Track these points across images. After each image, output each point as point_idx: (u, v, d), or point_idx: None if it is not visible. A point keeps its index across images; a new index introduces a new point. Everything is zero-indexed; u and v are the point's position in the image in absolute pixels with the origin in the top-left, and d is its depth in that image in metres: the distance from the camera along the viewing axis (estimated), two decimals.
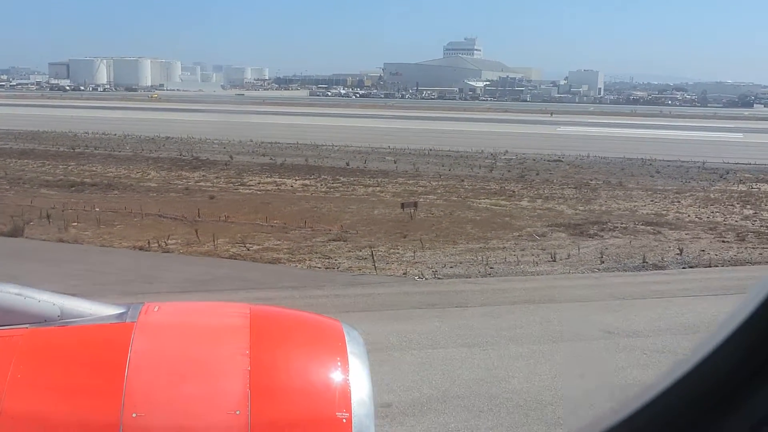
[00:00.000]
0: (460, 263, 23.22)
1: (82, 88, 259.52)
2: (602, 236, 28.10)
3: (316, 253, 24.42)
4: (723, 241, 27.51)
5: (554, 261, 23.55)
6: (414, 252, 24.56)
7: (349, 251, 24.60)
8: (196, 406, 3.16)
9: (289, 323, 3.87)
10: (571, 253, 24.59)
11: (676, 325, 17.29)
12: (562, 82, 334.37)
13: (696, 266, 23.59)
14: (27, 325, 3.40)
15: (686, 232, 29.44)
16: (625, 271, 22.83)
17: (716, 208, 36.35)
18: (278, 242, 26.17)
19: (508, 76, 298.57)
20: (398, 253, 24.55)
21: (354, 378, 3.36)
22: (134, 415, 3.06)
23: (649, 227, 30.23)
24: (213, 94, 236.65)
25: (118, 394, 3.09)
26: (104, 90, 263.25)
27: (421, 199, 37.32)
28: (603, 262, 23.56)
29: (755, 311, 1.23)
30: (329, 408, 3.26)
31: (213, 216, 30.37)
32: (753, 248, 26.30)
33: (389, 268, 22.60)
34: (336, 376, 3.38)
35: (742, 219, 33.23)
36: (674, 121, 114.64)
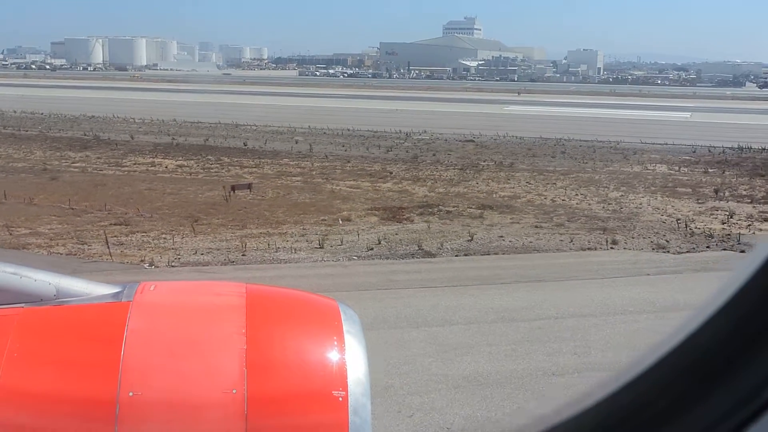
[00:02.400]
0: (217, 250, 21.70)
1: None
2: (412, 220, 26.45)
3: (77, 238, 22.95)
4: (536, 227, 25.78)
5: (321, 248, 21.98)
6: (182, 237, 23.07)
7: (114, 236, 23.09)
8: (193, 384, 3.13)
9: (285, 302, 3.86)
10: (348, 240, 22.99)
11: None
12: (564, 62, 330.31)
13: (472, 254, 21.95)
14: (23, 305, 3.38)
15: (513, 216, 27.72)
16: (387, 258, 21.24)
17: (586, 190, 34.55)
18: (57, 226, 24.73)
19: (501, 56, 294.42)
20: (165, 238, 23.03)
21: (350, 357, 3.34)
22: (131, 393, 3.03)
23: (479, 211, 28.54)
24: (200, 73, 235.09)
25: (114, 373, 3.06)
26: (94, 69, 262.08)
27: (283, 181, 35.92)
28: (372, 249, 21.98)
29: (745, 284, 1.20)
30: (325, 386, 3.24)
31: (21, 198, 28.92)
32: (559, 234, 24.57)
33: (135, 255, 21.13)
34: (332, 354, 3.35)
35: (598, 202, 31.44)
36: (640, 101, 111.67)
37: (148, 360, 3.19)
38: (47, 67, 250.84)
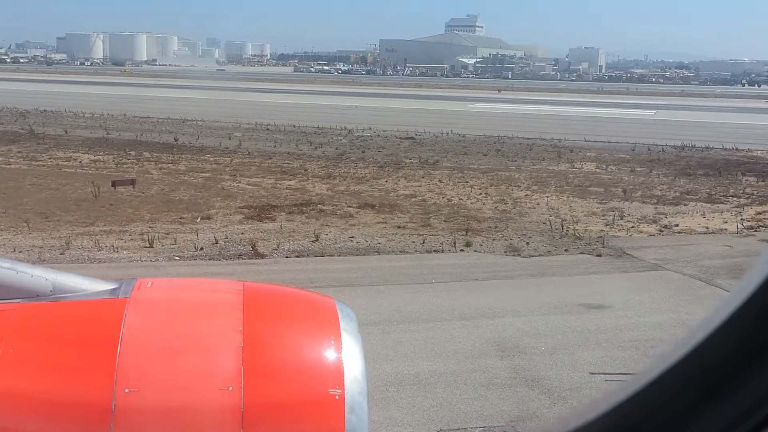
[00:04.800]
0: (39, 248, 20.72)
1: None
2: (274, 219, 25.40)
3: None
4: (400, 227, 24.70)
5: (150, 247, 20.99)
6: (14, 235, 22.16)
7: None
8: (189, 381, 3.13)
9: (282, 300, 3.84)
10: (186, 239, 21.98)
11: None
12: (566, 60, 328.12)
13: (306, 256, 20.90)
14: (19, 300, 3.37)
15: (388, 216, 26.64)
16: (212, 259, 20.21)
17: (494, 189, 33.39)
18: None
19: (498, 54, 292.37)
20: None
21: (347, 355, 3.33)
22: (127, 390, 3.03)
23: (356, 210, 27.49)
24: (194, 69, 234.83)
25: (110, 370, 3.05)
26: (91, 64, 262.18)
27: (187, 177, 34.99)
28: (202, 250, 20.96)
29: (751, 295, 1.22)
30: (322, 385, 3.23)
31: None
32: (418, 235, 23.43)
33: None
34: (329, 353, 3.34)
35: (495, 202, 30.31)
36: (620, 98, 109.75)
37: (145, 356, 3.16)
38: (23, 60, 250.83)
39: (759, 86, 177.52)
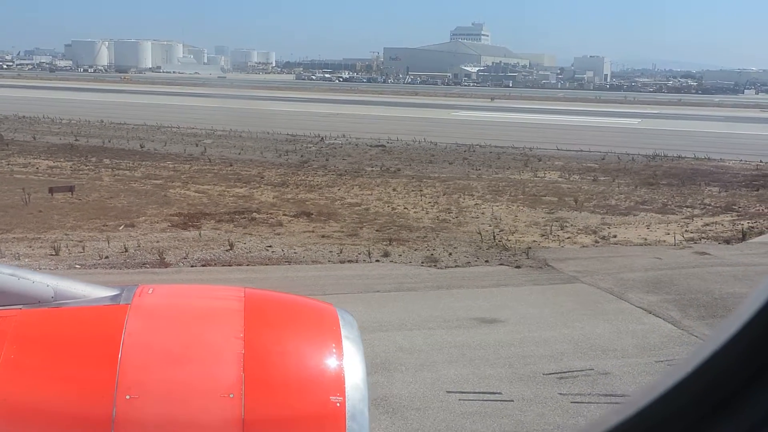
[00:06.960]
0: None
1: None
2: (199, 227, 24.86)
3: None
4: (324, 237, 24.13)
5: (56, 255, 20.50)
6: None
7: None
8: (190, 388, 3.13)
9: (283, 307, 3.83)
10: (96, 247, 21.49)
11: None
12: (571, 68, 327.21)
13: (213, 265, 20.35)
14: (20, 306, 3.36)
15: (320, 224, 26.11)
16: (114, 268, 19.67)
17: (445, 198, 32.78)
18: None
19: (501, 62, 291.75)
20: None
21: (348, 362, 3.33)
22: (128, 397, 3.03)
23: (291, 218, 26.97)
24: (194, 76, 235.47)
25: (111, 376, 3.06)
26: (94, 71, 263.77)
27: (137, 184, 34.56)
28: (107, 258, 20.46)
29: (758, 313, 1.22)
30: (323, 392, 3.24)
31: None
32: (339, 245, 22.84)
33: None
34: (330, 360, 3.34)
35: (440, 211, 29.70)
36: (612, 107, 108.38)
37: (146, 363, 3.15)
38: (28, 67, 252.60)
39: (757, 93, 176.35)
